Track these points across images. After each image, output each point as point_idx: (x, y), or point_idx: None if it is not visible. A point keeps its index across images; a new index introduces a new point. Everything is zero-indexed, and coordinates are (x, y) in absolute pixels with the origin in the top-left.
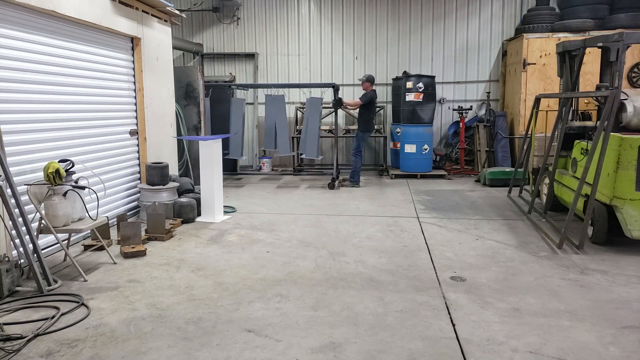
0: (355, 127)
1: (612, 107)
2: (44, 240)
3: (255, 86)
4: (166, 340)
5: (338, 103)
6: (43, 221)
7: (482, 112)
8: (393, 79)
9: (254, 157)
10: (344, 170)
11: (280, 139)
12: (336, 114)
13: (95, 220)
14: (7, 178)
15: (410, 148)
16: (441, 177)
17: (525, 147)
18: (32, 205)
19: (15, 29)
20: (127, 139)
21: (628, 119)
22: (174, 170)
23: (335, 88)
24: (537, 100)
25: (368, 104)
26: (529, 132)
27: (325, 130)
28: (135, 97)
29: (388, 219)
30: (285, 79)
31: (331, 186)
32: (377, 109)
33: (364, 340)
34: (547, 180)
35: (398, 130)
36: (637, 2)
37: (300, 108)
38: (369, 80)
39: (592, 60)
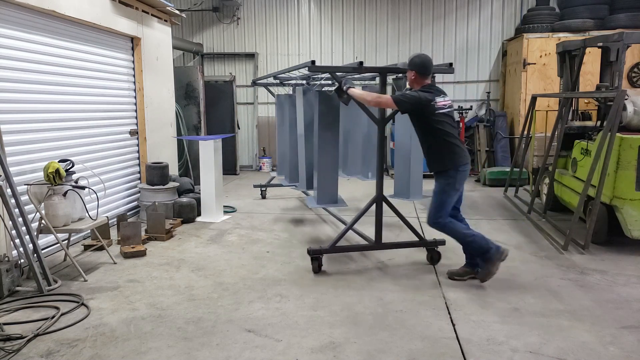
0: None
1: (618, 108)
2: (44, 240)
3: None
4: (166, 340)
5: (340, 93)
6: (43, 221)
7: (482, 112)
8: (393, 79)
9: (254, 157)
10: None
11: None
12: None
13: (95, 220)
14: (7, 178)
15: None
16: None
17: (523, 147)
18: (32, 205)
19: (15, 29)
20: (127, 139)
21: (628, 119)
22: (174, 170)
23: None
24: (534, 100)
25: (416, 114)
26: (526, 132)
27: None
28: (135, 97)
29: (388, 219)
30: None
31: (315, 270)
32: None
33: (364, 340)
34: (547, 180)
35: None
36: (637, 2)
37: None
38: (415, 66)
39: (592, 60)
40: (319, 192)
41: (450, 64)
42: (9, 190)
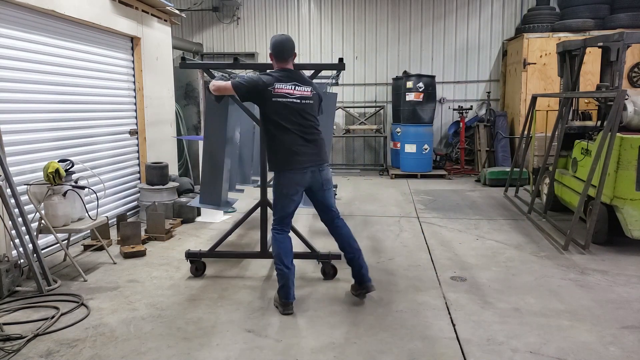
0: (356, 126)
1: (618, 108)
2: (43, 240)
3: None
4: (166, 340)
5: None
6: (43, 221)
7: (483, 111)
8: (393, 79)
9: None
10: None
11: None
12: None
13: (95, 220)
14: (7, 178)
15: (410, 148)
16: (441, 176)
17: (523, 147)
18: (32, 205)
19: (15, 29)
20: (127, 139)
21: (628, 119)
22: (174, 170)
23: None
24: (534, 100)
25: (256, 101)
26: (527, 132)
27: None
28: (135, 97)
29: (388, 219)
30: None
31: None
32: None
33: (364, 340)
34: (547, 180)
35: (398, 130)
36: (637, 2)
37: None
38: (270, 47)
39: (592, 60)
40: (200, 191)
41: (341, 59)
42: (8, 190)
